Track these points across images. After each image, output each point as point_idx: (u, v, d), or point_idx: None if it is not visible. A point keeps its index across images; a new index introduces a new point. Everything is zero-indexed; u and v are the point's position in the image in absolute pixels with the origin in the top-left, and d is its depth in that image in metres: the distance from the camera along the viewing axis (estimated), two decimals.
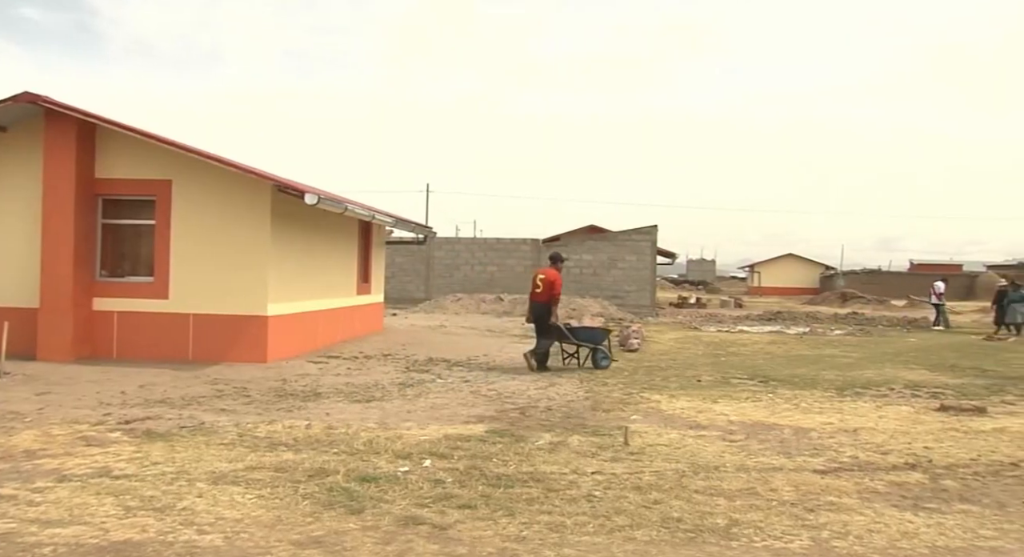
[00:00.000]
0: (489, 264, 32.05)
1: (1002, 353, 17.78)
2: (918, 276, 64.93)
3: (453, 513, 5.10)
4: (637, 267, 30.87)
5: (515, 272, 31.52)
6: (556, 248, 32.38)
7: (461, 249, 32.82)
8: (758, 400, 10.10)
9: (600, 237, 33.31)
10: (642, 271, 30.91)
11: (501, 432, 7.66)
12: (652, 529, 4.91)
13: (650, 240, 31.22)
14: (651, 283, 31.49)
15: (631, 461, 6.64)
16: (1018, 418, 9.12)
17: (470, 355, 14.63)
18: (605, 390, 10.69)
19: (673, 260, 42.47)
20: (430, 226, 23.75)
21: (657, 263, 33.14)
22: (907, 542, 4.81)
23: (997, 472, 6.61)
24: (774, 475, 6.30)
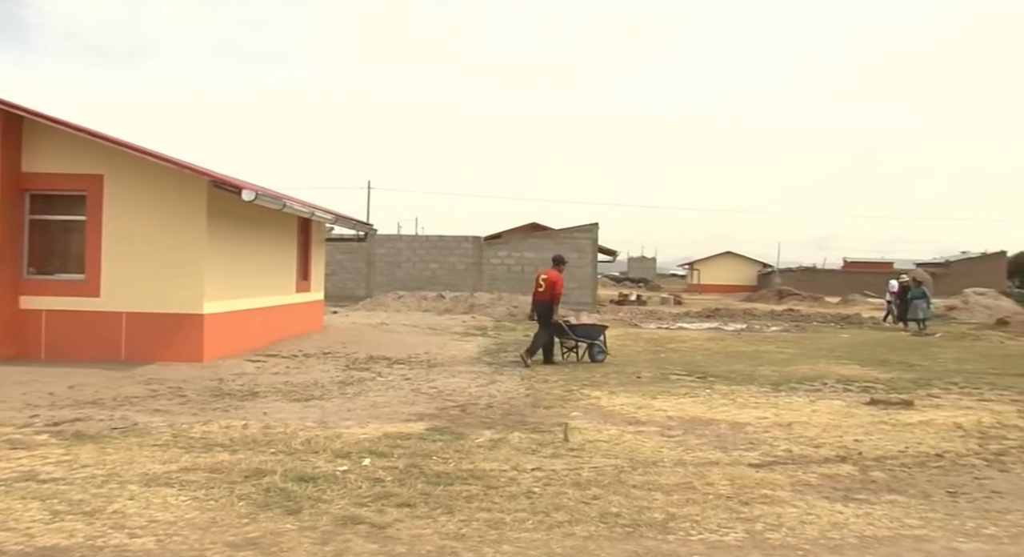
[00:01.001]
0: (431, 262, 31.94)
1: (929, 348, 18.36)
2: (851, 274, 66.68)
3: (392, 512, 5.08)
4: (578, 265, 31.02)
5: (457, 270, 31.48)
6: (498, 244, 32.44)
7: (403, 247, 32.65)
8: (696, 396, 10.25)
9: (542, 235, 33.46)
10: (583, 269, 31.11)
11: (441, 430, 7.64)
12: (591, 524, 4.96)
13: (591, 238, 31.46)
14: (592, 281, 31.74)
15: (571, 457, 6.68)
16: (943, 411, 9.42)
17: (411, 353, 14.56)
18: (546, 387, 10.74)
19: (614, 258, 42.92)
20: (371, 223, 23.59)
21: (598, 261, 33.43)
22: (837, 532, 4.94)
23: (923, 463, 6.82)
24: (711, 469, 6.40)
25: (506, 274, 31.27)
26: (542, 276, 14.08)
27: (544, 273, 14.19)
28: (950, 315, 31.19)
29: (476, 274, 31.44)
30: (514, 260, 31.52)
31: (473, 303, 27.86)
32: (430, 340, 17.35)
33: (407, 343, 16.37)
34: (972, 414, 9.21)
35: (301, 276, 17.78)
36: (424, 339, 17.55)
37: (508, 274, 31.27)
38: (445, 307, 27.73)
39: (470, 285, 30.71)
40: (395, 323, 21.85)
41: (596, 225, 31.71)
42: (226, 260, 13.21)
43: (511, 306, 27.39)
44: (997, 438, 7.91)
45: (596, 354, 14.08)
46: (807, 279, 63.82)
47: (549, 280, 13.85)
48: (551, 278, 13.87)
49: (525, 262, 31.23)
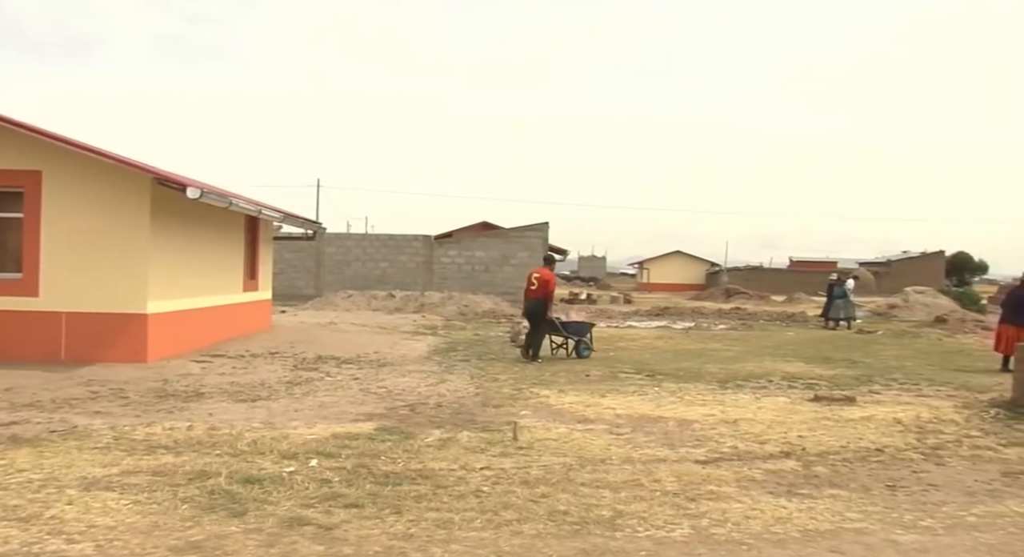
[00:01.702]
0: (381, 260, 31.74)
1: (871, 345, 18.77)
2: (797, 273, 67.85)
3: (339, 513, 5.04)
4: (529, 263, 30.99)
5: (407, 268, 31.33)
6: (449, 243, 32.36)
7: (352, 245, 32.39)
8: (644, 394, 10.34)
9: (492, 234, 33.46)
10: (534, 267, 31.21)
11: (390, 430, 7.59)
12: (539, 522, 4.97)
13: (541, 237, 31.55)
14: None
15: (520, 456, 6.69)
16: (884, 406, 9.64)
17: (360, 352, 14.44)
18: (495, 386, 10.74)
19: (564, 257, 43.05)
20: (320, 221, 23.34)
21: None
22: (780, 527, 5.03)
23: (864, 458, 6.97)
24: (658, 466, 6.46)
25: (457, 273, 31.22)
26: (534, 274, 14.42)
27: (536, 271, 14.54)
28: (891, 313, 31.92)
29: (426, 273, 31.33)
30: (465, 259, 31.48)
31: (423, 302, 27.75)
32: (380, 339, 17.23)
33: (356, 342, 16.24)
34: (911, 410, 9.43)
35: (248, 275, 17.52)
36: (374, 338, 17.42)
37: (459, 273, 31.22)
38: (395, 306, 27.58)
39: (420, 284, 30.59)
40: (344, 322, 21.65)
41: (546, 224, 31.82)
42: (171, 259, 12.95)
43: (462, 305, 27.35)
44: (934, 433, 8.12)
45: (583, 350, 14.63)
46: (754, 278, 64.79)
47: (542, 278, 14.17)
48: (544, 276, 14.21)
49: (476, 261, 31.22)
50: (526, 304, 14.50)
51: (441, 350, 15.52)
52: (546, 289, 14.12)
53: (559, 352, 14.74)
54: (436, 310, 26.65)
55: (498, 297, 29.40)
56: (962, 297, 37.42)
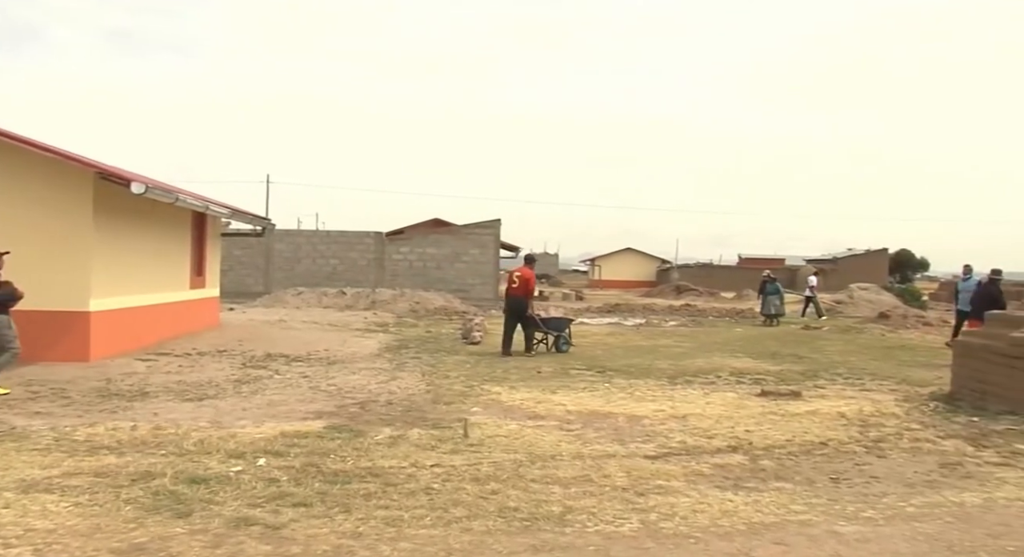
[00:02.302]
0: (332, 257, 31.45)
1: (817, 341, 19.12)
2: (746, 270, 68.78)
3: (287, 512, 4.98)
4: (480, 261, 31.14)
5: (358, 265, 31.09)
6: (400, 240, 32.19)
7: (302, 242, 32.05)
8: (595, 390, 10.40)
9: (444, 231, 33.36)
10: (486, 265, 31.22)
11: (340, 428, 7.53)
12: (489, 519, 4.98)
13: (493, 234, 31.56)
14: (494, 277, 31.85)
15: (470, 453, 6.69)
16: (828, 401, 9.83)
17: (310, 350, 14.31)
18: (446, 383, 10.72)
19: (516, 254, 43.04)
20: (269, 218, 23.03)
21: (500, 257, 33.54)
22: (727, 520, 5.10)
23: (808, 451, 7.10)
24: (608, 462, 6.51)
25: (408, 270, 31.07)
26: (516, 273, 15.14)
27: (518, 271, 15.26)
28: (837, 309, 32.54)
29: (378, 270, 31.13)
30: (416, 256, 31.35)
31: (375, 299, 27.58)
32: (330, 337, 17.08)
33: (306, 340, 16.08)
34: (854, 404, 9.63)
35: (195, 272, 17.24)
36: (324, 336, 17.27)
37: (410, 270, 31.08)
38: (346, 303, 27.36)
39: (372, 281, 30.38)
40: (294, 320, 21.42)
41: (498, 221, 31.82)
42: (115, 255, 12.67)
43: (413, 302, 27.24)
44: (876, 426, 8.30)
45: (561, 345, 15.16)
46: (704, 275, 65.52)
47: (523, 277, 14.88)
48: (525, 275, 14.94)
49: (427, 258, 31.11)
50: (508, 301, 15.07)
51: (392, 347, 15.44)
52: (527, 287, 14.82)
53: (539, 347, 15.06)
54: (387, 307, 26.50)
55: (450, 294, 29.35)
56: (904, 294, 38.27)
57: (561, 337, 15.28)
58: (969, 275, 18.32)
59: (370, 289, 28.95)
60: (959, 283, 18.86)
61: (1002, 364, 9.19)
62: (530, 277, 15.03)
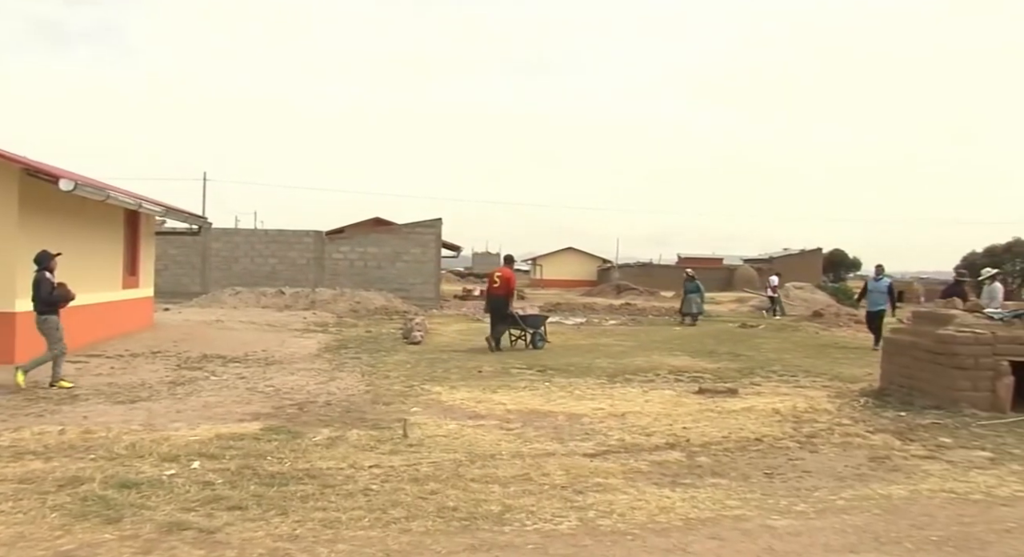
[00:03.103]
0: (270, 256, 30.98)
1: (753, 339, 19.48)
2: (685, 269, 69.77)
3: (222, 515, 4.90)
4: (422, 260, 30.98)
5: (297, 265, 30.68)
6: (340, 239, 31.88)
7: (240, 241, 31.50)
8: (535, 389, 10.44)
9: (385, 230, 33.12)
10: (427, 264, 31.08)
11: (277, 429, 7.43)
12: (428, 519, 4.96)
13: (435, 233, 31.44)
14: (436, 276, 31.75)
15: (409, 453, 6.66)
16: (763, 398, 10.03)
17: (248, 351, 14.08)
18: (386, 383, 10.66)
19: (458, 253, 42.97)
20: (205, 216, 22.60)
21: (442, 256, 33.45)
22: (664, 516, 5.17)
23: (744, 447, 7.23)
24: (547, 460, 6.54)
25: (349, 269, 30.77)
26: (496, 273, 15.89)
27: (498, 271, 15.99)
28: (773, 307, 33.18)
29: (318, 269, 30.77)
30: (357, 255, 31.06)
31: (314, 299, 27.26)
32: (268, 337, 16.84)
33: (244, 340, 15.83)
34: (788, 400, 9.84)
35: (128, 271, 16.83)
36: (262, 336, 17.02)
37: (351, 269, 30.78)
38: (285, 303, 27.00)
39: (311, 281, 30.01)
40: (231, 320, 21.06)
41: (439, 220, 31.71)
42: None
43: (354, 302, 27.00)
44: (809, 422, 8.49)
45: (537, 341, 15.83)
46: (644, 274, 66.23)
47: (504, 277, 15.61)
48: (505, 275, 15.67)
49: (368, 257, 30.84)
50: (489, 300, 15.84)
51: (332, 347, 15.28)
52: (508, 286, 15.55)
53: (518, 343, 15.80)
54: (327, 307, 26.22)
55: (391, 294, 29.16)
56: (837, 292, 39.24)
57: (537, 334, 15.90)
58: (881, 275, 18.24)
59: (310, 289, 28.61)
60: (869, 282, 18.79)
61: (928, 360, 9.48)
62: (510, 277, 15.73)
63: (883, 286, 17.96)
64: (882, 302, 17.86)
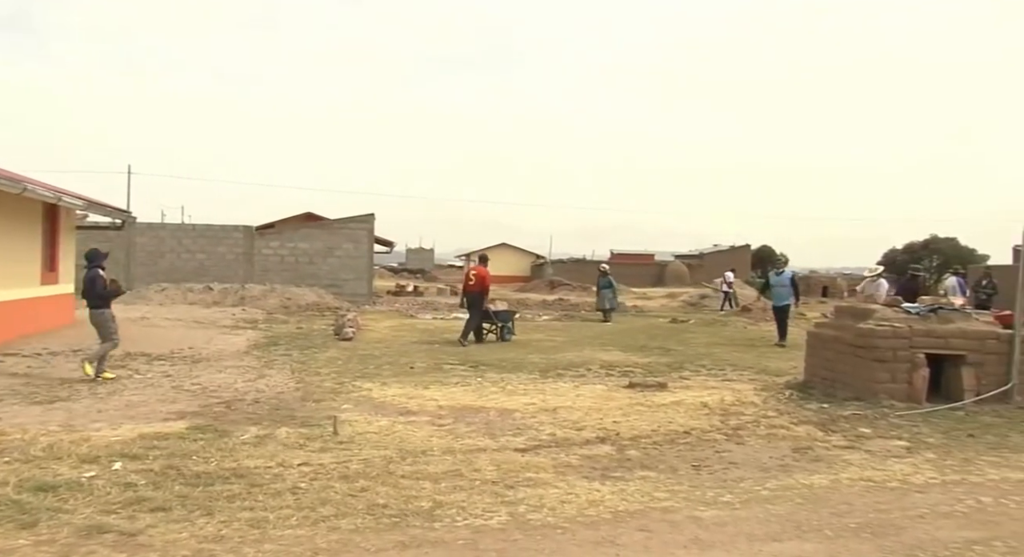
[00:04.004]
0: (198, 252, 30.28)
1: (683, 334, 19.80)
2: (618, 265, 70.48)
3: (145, 517, 4.78)
4: (354, 255, 30.64)
5: (226, 260, 30.06)
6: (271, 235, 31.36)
7: (166, 236, 30.71)
8: (467, 384, 10.44)
9: (317, 225, 32.66)
10: (359, 259, 30.74)
11: (203, 428, 7.28)
12: (357, 517, 4.92)
13: (367, 228, 31.12)
14: (368, 271, 31.44)
15: (340, 451, 6.59)
16: (692, 391, 10.20)
17: (174, 348, 13.76)
18: (317, 380, 10.53)
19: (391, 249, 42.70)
20: (129, 211, 21.98)
21: (375, 251, 33.14)
22: (593, 509, 5.22)
23: (673, 440, 7.35)
24: (478, 456, 6.54)
25: (279, 265, 30.26)
26: (472, 271, 17.01)
27: (474, 269, 17.02)
28: (703, 302, 33.83)
29: (247, 265, 30.20)
30: (288, 251, 30.56)
31: (244, 295, 26.74)
32: (195, 334, 16.47)
33: (169, 338, 15.45)
34: (716, 393, 10.02)
35: (47, 267, 16.28)
36: (189, 333, 16.63)
37: (281, 265, 30.28)
38: (213, 300, 26.42)
39: (241, 277, 29.44)
40: (157, 317, 20.54)
41: (372, 216, 31.40)
42: None
43: (284, 298, 26.57)
44: (736, 414, 8.67)
45: (506, 334, 16.86)
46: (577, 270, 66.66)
47: (479, 275, 16.60)
48: (480, 273, 16.65)
49: (299, 253, 30.37)
50: (465, 296, 16.84)
51: (261, 344, 15.02)
52: (483, 284, 16.47)
53: (489, 336, 16.78)
54: (257, 303, 25.75)
55: (322, 290, 28.77)
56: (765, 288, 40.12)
57: (506, 327, 16.94)
58: (782, 269, 18.03)
59: (239, 285, 28.06)
60: (771, 277, 18.39)
61: (849, 354, 9.77)
62: (485, 275, 16.63)
63: (785, 279, 17.70)
64: (786, 296, 17.62)
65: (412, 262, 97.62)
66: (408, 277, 67.64)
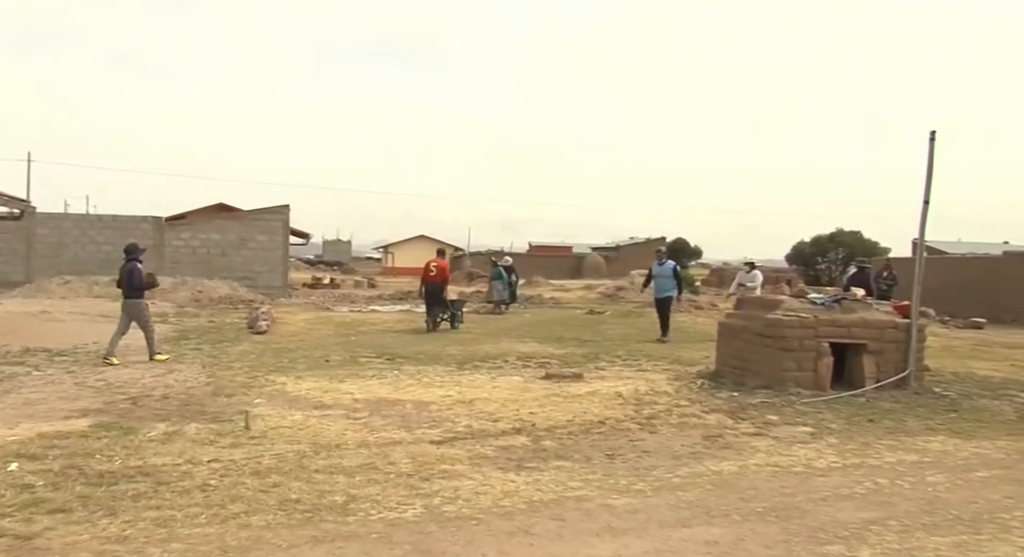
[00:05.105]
0: (104, 243, 29.19)
1: (600, 325, 20.03)
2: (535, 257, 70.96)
3: (42, 519, 4.60)
4: (268, 247, 30.02)
5: None
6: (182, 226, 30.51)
7: (70, 226, 29.52)
8: (384, 377, 10.35)
9: (229, 216, 31.89)
10: (274, 251, 30.15)
11: (108, 426, 7.05)
12: (269, 513, 4.84)
13: (282, 220, 30.52)
14: (283, 264, 30.85)
15: (251, 446, 6.47)
16: (607, 382, 10.33)
17: (77, 343, 13.27)
18: (229, 374, 10.29)
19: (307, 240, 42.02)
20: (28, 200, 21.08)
21: (290, 243, 32.55)
22: (508, 500, 5.25)
23: (587, 430, 7.44)
24: (394, 449, 6.50)
25: (191, 257, 29.43)
26: (432, 263, 18.07)
27: (434, 261, 18.14)
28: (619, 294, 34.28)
29: (157, 257, 29.25)
30: (199, 242, 29.74)
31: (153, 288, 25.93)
32: (101, 329, 15.85)
33: (73, 332, 14.89)
34: (631, 383, 10.18)
35: None
36: (94, 328, 16.04)
37: (193, 257, 29.46)
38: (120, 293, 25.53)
39: (150, 269, 28.50)
40: (60, 311, 19.75)
41: (287, 207, 30.80)
42: None
43: (196, 291, 25.90)
44: (649, 404, 8.82)
45: (455, 322, 18.10)
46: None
47: (439, 267, 17.97)
48: (440, 265, 18.04)
49: (211, 244, 29.60)
50: (425, 287, 17.86)
51: (171, 339, 14.62)
52: (443, 275, 17.85)
53: (443, 324, 17.77)
54: (167, 296, 25.00)
55: (236, 282, 28.12)
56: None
57: (455, 316, 18.17)
58: (663, 260, 17.34)
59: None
60: (653, 267, 17.57)
61: (757, 343, 10.04)
62: (445, 267, 18.09)
63: (668, 270, 17.06)
64: (669, 287, 16.95)
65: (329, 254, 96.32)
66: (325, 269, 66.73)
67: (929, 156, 9.86)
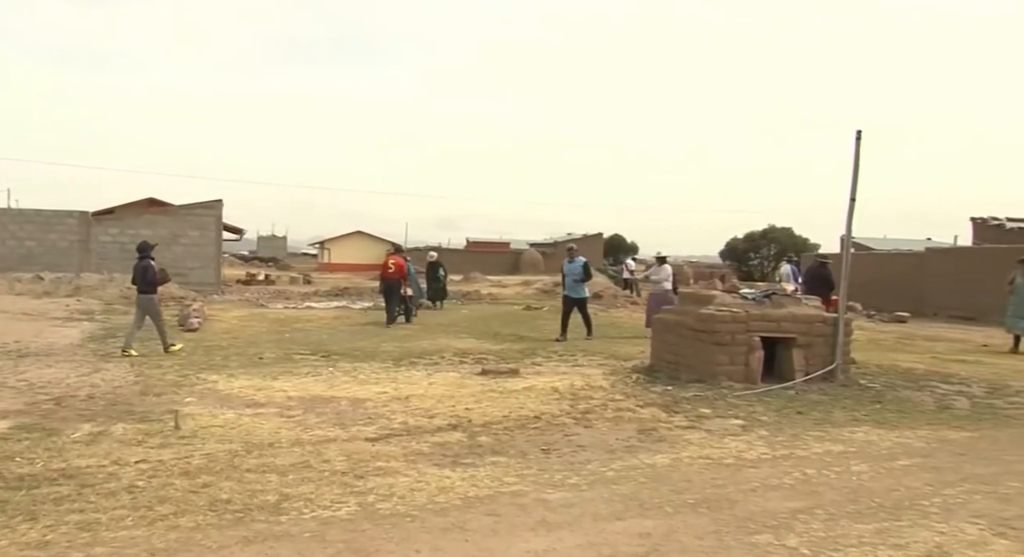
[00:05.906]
0: (27, 239, 28.27)
1: (536, 321, 20.11)
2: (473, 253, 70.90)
3: None
4: (200, 243, 29.43)
5: (59, 248, 28.21)
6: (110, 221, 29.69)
7: None
8: (319, 375, 10.24)
9: (160, 211, 31.16)
10: (206, 247, 29.56)
11: (29, 427, 6.83)
12: (199, 514, 4.74)
13: (215, 215, 29.95)
14: (216, 260, 30.28)
15: (181, 446, 6.33)
16: (544, 377, 10.38)
17: None
18: (158, 373, 10.06)
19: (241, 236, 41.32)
20: None
21: (223, 239, 31.96)
22: (444, 496, 5.23)
23: (523, 425, 7.46)
24: (328, 447, 6.44)
25: (119, 253, 28.64)
26: (390, 260, 18.83)
27: (392, 259, 18.94)
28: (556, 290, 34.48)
29: (83, 253, 28.45)
30: (128, 238, 28.94)
31: (79, 285, 25.19)
32: (22, 327, 15.39)
33: None
34: (567, 379, 10.25)
35: None
36: (15, 326, 15.52)
37: (121, 253, 28.65)
38: (44, 290, 24.73)
39: (76, 265, 27.70)
40: None
41: (220, 202, 30.23)
42: None
43: (124, 288, 25.19)
44: (585, 399, 8.89)
45: (410, 316, 18.91)
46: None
47: (397, 264, 18.60)
48: (398, 262, 18.68)
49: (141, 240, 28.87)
50: (384, 284, 18.59)
51: (97, 337, 14.22)
52: (401, 272, 18.50)
53: (400, 318, 18.40)
54: (94, 293, 24.32)
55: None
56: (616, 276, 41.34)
57: (410, 310, 19.01)
58: (574, 258, 16.75)
59: (73, 274, 26.41)
60: (564, 266, 16.82)
61: (691, 338, 10.20)
62: (402, 264, 18.72)
63: (578, 268, 16.38)
64: (580, 286, 16.46)
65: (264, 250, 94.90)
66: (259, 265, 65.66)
67: (855, 155, 10.13)
